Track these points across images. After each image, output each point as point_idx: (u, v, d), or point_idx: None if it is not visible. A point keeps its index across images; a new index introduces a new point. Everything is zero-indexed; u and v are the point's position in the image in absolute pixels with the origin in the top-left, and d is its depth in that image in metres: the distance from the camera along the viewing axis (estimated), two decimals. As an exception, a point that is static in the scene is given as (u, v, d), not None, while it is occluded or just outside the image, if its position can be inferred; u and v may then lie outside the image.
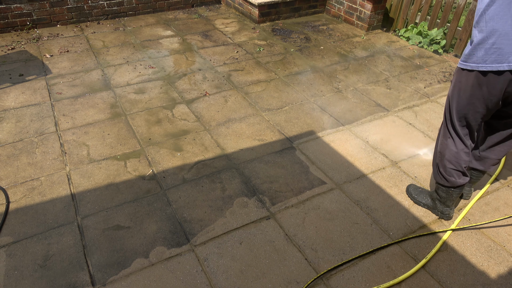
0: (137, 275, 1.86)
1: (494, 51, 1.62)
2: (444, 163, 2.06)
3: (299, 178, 2.50)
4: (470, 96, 1.79)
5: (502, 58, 1.61)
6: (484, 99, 1.76)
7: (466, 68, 1.76)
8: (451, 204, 2.19)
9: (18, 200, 2.24)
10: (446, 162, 2.05)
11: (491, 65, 1.64)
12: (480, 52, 1.67)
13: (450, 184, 2.08)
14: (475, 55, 1.70)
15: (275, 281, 1.86)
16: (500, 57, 1.61)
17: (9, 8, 4.27)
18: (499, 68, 1.62)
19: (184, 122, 2.99)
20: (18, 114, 3.00)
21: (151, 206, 2.24)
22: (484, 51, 1.65)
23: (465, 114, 1.88)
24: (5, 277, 1.82)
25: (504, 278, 1.91)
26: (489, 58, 1.64)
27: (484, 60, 1.66)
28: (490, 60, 1.64)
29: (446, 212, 2.21)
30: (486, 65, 1.66)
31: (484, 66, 1.66)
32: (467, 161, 2.02)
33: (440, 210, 2.22)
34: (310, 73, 3.81)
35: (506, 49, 1.59)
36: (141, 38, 4.42)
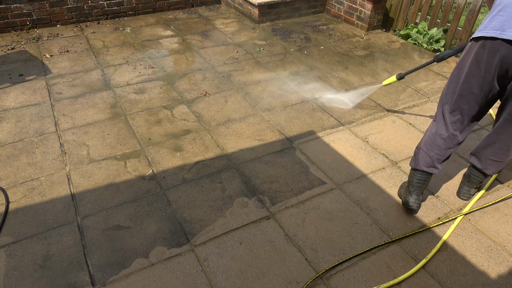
0: (137, 275, 1.86)
1: (496, 18, 1.64)
2: (420, 142, 2.12)
3: (299, 178, 2.50)
4: (467, 74, 1.79)
5: (502, 26, 1.61)
6: (480, 77, 1.75)
7: (472, 38, 1.77)
8: (412, 191, 2.15)
9: (18, 200, 2.24)
10: (421, 142, 2.10)
11: (488, 32, 1.65)
12: (486, 20, 1.70)
13: (413, 165, 2.12)
14: (482, 24, 1.73)
15: (275, 281, 1.86)
16: (500, 24, 1.62)
17: (9, 8, 4.27)
18: (493, 35, 1.63)
19: (184, 122, 2.99)
20: (18, 114, 3.00)
21: (151, 206, 2.24)
22: (489, 19, 1.69)
23: (459, 95, 1.86)
24: (5, 277, 1.82)
25: (504, 278, 1.91)
26: (490, 25, 1.66)
27: (485, 27, 1.67)
28: (490, 27, 1.65)
29: (406, 198, 2.18)
30: (487, 31, 1.66)
31: (485, 32, 1.66)
32: (442, 149, 2.01)
33: (403, 196, 2.22)
34: (310, 73, 3.81)
35: (506, 18, 1.61)
36: (141, 38, 4.42)
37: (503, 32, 1.59)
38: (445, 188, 2.46)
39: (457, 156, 2.75)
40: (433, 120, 2.08)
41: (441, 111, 2.00)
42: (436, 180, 2.51)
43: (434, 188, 2.45)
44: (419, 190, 2.16)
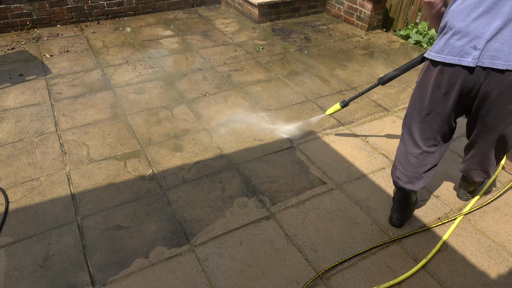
0: (137, 275, 1.86)
1: (452, 43, 1.59)
2: (394, 162, 2.10)
3: (299, 178, 2.50)
4: (431, 96, 1.75)
5: (460, 51, 1.57)
6: (443, 99, 1.71)
7: (428, 59, 1.72)
8: (396, 208, 2.14)
9: (18, 200, 2.24)
10: (395, 162, 2.07)
11: (446, 57, 1.61)
12: (440, 42, 1.65)
13: (394, 184, 2.12)
14: (437, 45, 1.67)
15: (275, 281, 1.86)
16: (457, 50, 1.58)
17: (9, 8, 4.27)
18: (451, 61, 1.59)
19: (184, 122, 2.99)
20: (18, 114, 3.00)
21: (151, 206, 2.24)
22: (444, 41, 1.63)
23: (427, 115, 1.82)
24: (5, 277, 1.82)
25: (504, 278, 1.91)
26: (446, 48, 1.61)
27: (441, 50, 1.63)
28: (447, 52, 1.61)
29: (391, 214, 2.18)
30: (444, 56, 1.61)
31: (443, 57, 1.62)
32: (416, 167, 1.95)
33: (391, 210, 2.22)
34: (310, 73, 3.81)
35: (460, 42, 1.57)
36: (141, 38, 4.42)
37: (461, 59, 1.55)
38: (445, 188, 2.46)
39: (457, 156, 2.75)
40: (400, 140, 2.03)
41: (407, 131, 1.94)
42: (436, 180, 2.51)
43: (434, 188, 2.45)
44: (402, 208, 2.12)
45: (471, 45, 1.52)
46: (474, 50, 1.52)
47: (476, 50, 1.51)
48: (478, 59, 1.52)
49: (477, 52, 1.52)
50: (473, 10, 1.52)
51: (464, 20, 1.53)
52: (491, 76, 1.55)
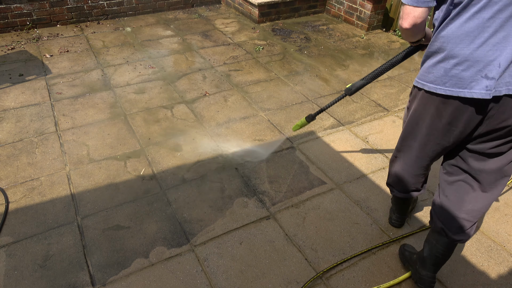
0: (137, 275, 1.86)
1: (457, 74, 1.36)
2: (389, 171, 1.91)
3: (299, 178, 2.50)
4: (429, 127, 1.55)
5: (470, 83, 1.34)
6: (445, 130, 1.50)
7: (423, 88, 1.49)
8: (395, 209, 2.13)
9: (18, 200, 2.24)
10: (389, 173, 1.91)
11: (452, 90, 1.38)
12: (438, 71, 1.41)
13: (390, 191, 1.99)
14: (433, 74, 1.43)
15: (275, 281, 1.86)
16: (465, 82, 1.35)
17: (9, 8, 4.27)
18: (459, 94, 1.37)
19: (184, 122, 2.99)
20: (18, 114, 3.00)
21: (151, 206, 2.24)
22: (443, 71, 1.39)
23: (425, 145, 1.62)
24: (5, 277, 1.82)
25: (504, 278, 1.91)
26: (448, 80, 1.38)
27: (443, 82, 1.40)
28: (451, 84, 1.38)
29: (390, 215, 2.18)
30: (449, 89, 1.39)
31: (448, 89, 1.39)
32: (409, 184, 1.82)
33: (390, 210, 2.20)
34: (310, 73, 3.81)
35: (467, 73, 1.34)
36: (141, 38, 4.42)
37: (472, 91, 1.34)
38: (445, 188, 2.46)
39: (457, 156, 2.75)
40: (396, 152, 1.82)
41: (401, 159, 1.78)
42: (436, 180, 2.51)
43: (434, 188, 2.45)
44: (401, 209, 2.10)
45: (481, 74, 1.32)
46: (486, 80, 1.31)
47: (489, 79, 1.31)
48: (493, 89, 1.32)
49: (490, 81, 1.31)
50: (479, 35, 1.30)
51: (469, 47, 1.32)
52: (507, 102, 1.35)
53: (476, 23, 1.29)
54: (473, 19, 1.30)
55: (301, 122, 2.31)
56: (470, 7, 1.30)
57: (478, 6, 1.28)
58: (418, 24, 1.42)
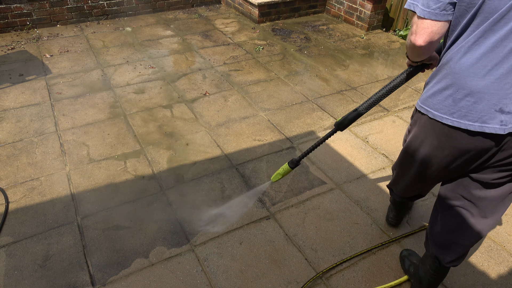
0: (137, 275, 1.86)
1: (467, 106, 1.23)
2: (392, 176, 1.85)
3: (299, 178, 2.50)
4: (429, 157, 1.42)
5: (481, 116, 1.21)
6: (447, 162, 1.38)
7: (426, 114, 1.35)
8: (393, 208, 2.13)
9: (18, 200, 2.24)
10: (393, 178, 1.83)
11: (461, 122, 1.24)
12: (445, 99, 1.27)
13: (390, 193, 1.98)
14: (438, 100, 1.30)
15: (275, 281, 1.86)
16: (477, 115, 1.22)
17: (9, 8, 4.27)
18: (468, 128, 1.24)
19: (184, 122, 2.99)
20: (18, 114, 3.00)
21: (151, 206, 2.24)
22: (451, 100, 1.26)
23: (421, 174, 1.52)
24: (5, 277, 1.82)
25: (504, 278, 1.91)
26: (457, 110, 1.25)
27: (451, 112, 1.26)
28: (459, 115, 1.24)
29: (387, 213, 2.18)
30: (457, 120, 1.25)
31: (455, 121, 1.25)
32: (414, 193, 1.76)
33: None
34: (310, 73, 3.81)
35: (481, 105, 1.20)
36: (141, 38, 4.42)
37: (483, 125, 1.21)
38: (445, 188, 2.46)
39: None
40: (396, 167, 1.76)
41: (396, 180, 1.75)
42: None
43: (435, 188, 2.45)
44: (399, 209, 2.10)
45: (495, 108, 1.18)
46: (501, 114, 1.18)
47: (505, 113, 1.18)
48: (510, 124, 1.19)
49: (506, 116, 1.18)
50: (496, 66, 1.15)
51: (484, 79, 1.18)
52: None
53: (497, 53, 1.14)
54: (495, 49, 1.14)
55: (283, 169, 1.86)
56: (490, 32, 1.13)
57: (501, 33, 1.11)
58: (435, 41, 1.23)
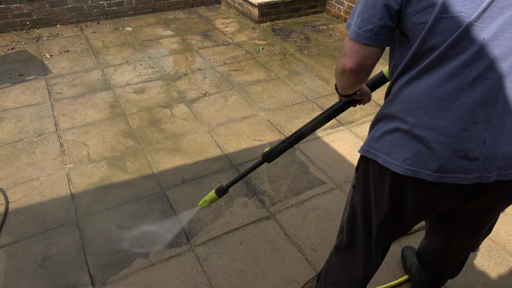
0: (137, 275, 1.86)
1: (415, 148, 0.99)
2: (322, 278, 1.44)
3: (299, 178, 2.50)
4: (384, 206, 1.14)
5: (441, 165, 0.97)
6: (402, 212, 1.12)
7: (376, 161, 1.08)
8: None
9: (18, 200, 2.24)
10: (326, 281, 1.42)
11: (413, 169, 0.99)
12: (400, 144, 1.02)
13: None
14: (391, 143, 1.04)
15: (275, 281, 1.86)
16: (438, 163, 0.97)
17: (9, 8, 4.27)
18: (425, 178, 0.99)
19: (184, 122, 2.99)
20: (18, 114, 3.00)
21: (151, 206, 2.24)
22: (397, 139, 1.02)
23: (381, 225, 1.19)
24: (5, 277, 1.82)
25: (504, 278, 1.91)
26: (403, 154, 1.01)
27: (404, 160, 1.01)
28: (411, 162, 0.99)
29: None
30: (411, 168, 0.99)
31: (408, 169, 1.00)
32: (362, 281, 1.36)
33: None
34: (310, 73, 3.81)
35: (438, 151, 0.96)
36: (141, 38, 4.42)
37: (444, 175, 0.97)
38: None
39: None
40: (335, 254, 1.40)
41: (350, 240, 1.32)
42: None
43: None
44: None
45: (459, 154, 0.94)
46: (466, 161, 0.95)
47: (470, 160, 0.95)
48: (477, 173, 0.96)
49: (471, 163, 0.95)
50: (457, 101, 0.91)
51: (444, 117, 0.93)
52: (500, 187, 1.03)
53: (456, 83, 0.91)
54: (452, 78, 0.91)
55: (210, 197, 1.75)
56: (448, 58, 0.90)
57: (460, 59, 0.89)
58: (367, 66, 1.01)
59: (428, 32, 0.90)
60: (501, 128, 0.93)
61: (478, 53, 0.87)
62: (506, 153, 0.95)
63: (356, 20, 0.98)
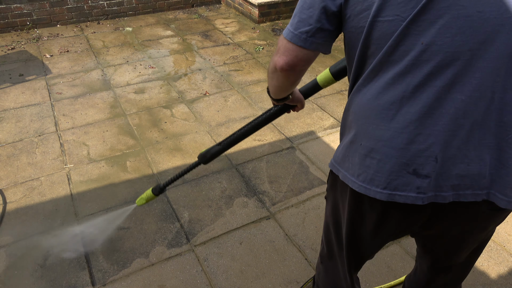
0: (137, 275, 1.86)
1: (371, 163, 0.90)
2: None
3: (299, 178, 2.50)
4: (354, 225, 1.06)
5: (389, 181, 0.89)
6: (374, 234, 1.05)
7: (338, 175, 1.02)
8: None
9: (18, 200, 2.24)
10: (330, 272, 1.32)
11: (366, 187, 0.92)
12: (355, 158, 0.94)
13: None
14: (349, 158, 0.97)
15: (275, 281, 1.86)
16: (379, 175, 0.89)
17: (9, 8, 4.27)
18: (375, 196, 0.91)
19: (184, 122, 2.99)
20: (18, 114, 3.00)
21: (151, 206, 2.24)
22: (358, 158, 0.93)
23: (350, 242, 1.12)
24: (5, 277, 1.82)
25: (504, 278, 1.91)
26: (363, 172, 0.92)
27: (358, 174, 0.93)
28: (365, 178, 0.92)
29: None
30: (369, 187, 0.91)
31: (367, 188, 0.92)
32: None
33: None
34: (310, 73, 3.81)
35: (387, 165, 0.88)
36: (141, 38, 4.42)
37: (394, 193, 0.88)
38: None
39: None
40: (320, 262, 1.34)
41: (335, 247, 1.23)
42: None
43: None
44: None
45: (408, 169, 0.86)
46: (416, 178, 0.86)
47: (420, 177, 0.86)
48: (430, 192, 0.87)
49: (422, 181, 0.86)
50: (401, 110, 0.85)
51: (388, 127, 0.86)
52: (454, 210, 0.92)
53: (398, 91, 0.84)
54: (394, 85, 0.84)
55: (146, 195, 1.76)
56: (389, 64, 0.85)
57: (401, 65, 0.83)
58: (299, 67, 0.96)
59: (367, 37, 0.86)
60: (453, 142, 0.83)
61: (417, 59, 0.80)
62: (461, 170, 0.85)
63: (292, 20, 0.92)
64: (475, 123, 0.82)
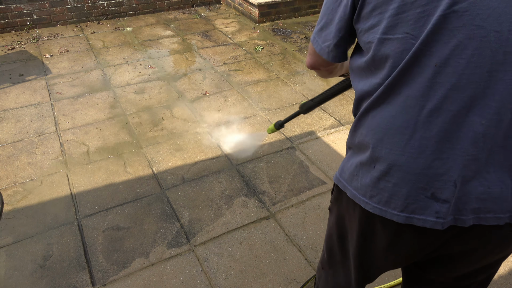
0: (137, 275, 1.86)
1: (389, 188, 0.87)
2: None
3: (299, 178, 2.50)
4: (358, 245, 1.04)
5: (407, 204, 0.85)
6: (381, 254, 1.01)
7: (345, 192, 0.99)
8: None
9: (18, 200, 2.24)
10: None
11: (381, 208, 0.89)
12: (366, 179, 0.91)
13: None
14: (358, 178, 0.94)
15: (275, 281, 1.86)
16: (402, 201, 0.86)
17: (9, 8, 4.27)
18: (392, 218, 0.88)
19: (184, 122, 2.99)
20: (18, 114, 3.00)
21: (151, 206, 2.24)
22: (369, 178, 0.90)
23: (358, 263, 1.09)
24: (5, 277, 1.82)
25: (504, 278, 1.91)
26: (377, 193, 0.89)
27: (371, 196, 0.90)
28: (384, 202, 0.88)
29: None
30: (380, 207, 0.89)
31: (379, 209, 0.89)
32: None
33: None
34: (310, 73, 3.81)
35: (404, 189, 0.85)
36: (141, 38, 4.42)
37: (412, 216, 0.85)
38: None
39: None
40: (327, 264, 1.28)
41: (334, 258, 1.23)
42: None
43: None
44: None
45: (426, 194, 0.83)
46: (435, 202, 0.83)
47: (439, 202, 0.83)
48: (449, 216, 0.84)
49: (441, 205, 0.83)
50: (414, 134, 0.81)
51: (404, 150, 0.83)
52: (482, 234, 0.89)
53: (411, 115, 0.81)
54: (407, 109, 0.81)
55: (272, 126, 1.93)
56: (403, 86, 0.81)
57: (416, 87, 0.79)
58: (319, 71, 1.10)
59: (375, 54, 0.82)
60: (472, 166, 0.79)
61: (432, 81, 0.76)
62: (480, 194, 0.81)
63: (319, 32, 0.98)
64: (495, 146, 0.78)
